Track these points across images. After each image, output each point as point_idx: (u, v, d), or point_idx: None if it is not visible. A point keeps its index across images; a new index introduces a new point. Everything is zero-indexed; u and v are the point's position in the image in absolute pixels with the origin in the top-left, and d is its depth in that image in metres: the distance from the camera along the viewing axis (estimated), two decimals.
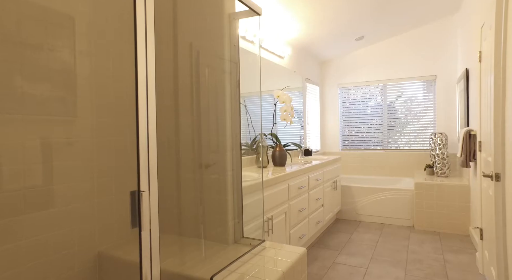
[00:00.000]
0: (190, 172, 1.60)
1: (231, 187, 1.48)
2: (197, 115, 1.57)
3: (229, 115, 1.48)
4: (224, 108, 1.48)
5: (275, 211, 2.10)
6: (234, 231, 1.49)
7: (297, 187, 2.44)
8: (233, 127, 1.49)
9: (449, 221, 3.18)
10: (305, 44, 3.81)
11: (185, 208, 1.61)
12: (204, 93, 1.54)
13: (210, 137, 1.53)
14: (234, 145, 1.49)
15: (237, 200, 1.49)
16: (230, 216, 1.47)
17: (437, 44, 3.96)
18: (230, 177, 1.48)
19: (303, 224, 2.57)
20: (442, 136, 3.51)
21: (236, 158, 1.49)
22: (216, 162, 1.51)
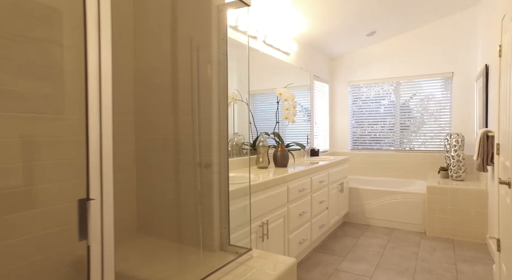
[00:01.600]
0: (172, 172, 1.51)
1: (217, 189, 1.38)
2: (179, 113, 1.48)
3: (216, 112, 1.38)
4: (210, 105, 1.38)
5: (272, 215, 1.99)
6: (220, 237, 1.40)
7: (297, 189, 2.32)
8: (221, 126, 1.39)
9: (464, 227, 2.98)
10: (312, 40, 3.67)
11: (168, 211, 1.52)
12: (185, 89, 1.45)
13: (197, 137, 1.44)
14: (222, 144, 1.39)
15: (224, 204, 1.39)
16: (216, 221, 1.38)
17: (455, 39, 3.73)
18: (216, 179, 1.38)
19: (304, 228, 2.45)
20: (458, 137, 3.29)
21: (223, 158, 1.39)
22: (206, 163, 1.42)
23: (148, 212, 1.59)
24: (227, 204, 1.40)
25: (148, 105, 1.59)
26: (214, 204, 1.37)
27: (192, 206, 1.45)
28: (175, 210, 1.50)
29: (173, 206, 1.51)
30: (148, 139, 1.59)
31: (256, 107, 2.92)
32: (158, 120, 1.56)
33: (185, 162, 1.48)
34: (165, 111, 1.54)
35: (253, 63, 2.81)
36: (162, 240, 1.55)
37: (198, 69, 1.44)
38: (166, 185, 1.53)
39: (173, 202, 1.51)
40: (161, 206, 1.55)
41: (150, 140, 1.58)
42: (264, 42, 2.92)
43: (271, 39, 2.95)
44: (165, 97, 1.54)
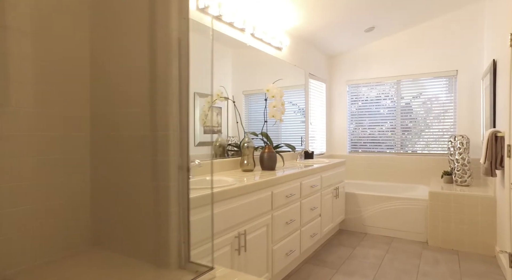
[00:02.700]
0: (126, 175, 1.30)
1: (176, 195, 1.16)
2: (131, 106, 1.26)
3: (176, 107, 1.16)
4: (166, 99, 1.16)
5: (252, 224, 1.76)
6: (179, 253, 1.17)
7: (284, 194, 2.10)
8: (181, 121, 1.17)
9: (470, 238, 2.72)
10: (306, 35, 3.45)
11: (124, 220, 1.30)
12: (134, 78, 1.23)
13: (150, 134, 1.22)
14: (182, 143, 1.17)
15: (183, 213, 1.17)
16: (173, 233, 1.16)
17: (459, 36, 3.49)
18: (174, 185, 1.16)
19: (292, 237, 2.22)
20: (463, 139, 3.05)
21: (183, 158, 1.17)
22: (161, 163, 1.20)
23: (104, 221, 1.37)
24: (187, 213, 1.18)
25: (105, 98, 1.38)
26: (171, 213, 1.15)
27: (146, 215, 1.23)
28: (129, 219, 1.28)
29: (128, 214, 1.29)
30: (107, 136, 1.37)
31: (251, 108, 2.75)
32: (114, 115, 1.34)
33: (136, 162, 1.26)
34: (118, 104, 1.32)
35: (242, 59, 2.60)
36: (117, 254, 1.33)
37: (151, 54, 1.22)
38: (121, 189, 1.32)
39: (127, 209, 1.29)
40: (118, 213, 1.33)
41: (109, 137, 1.37)
42: (252, 35, 2.71)
43: (260, 31, 2.74)
44: (119, 88, 1.32)
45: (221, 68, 2.43)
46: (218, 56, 2.39)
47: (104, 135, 1.38)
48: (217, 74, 2.39)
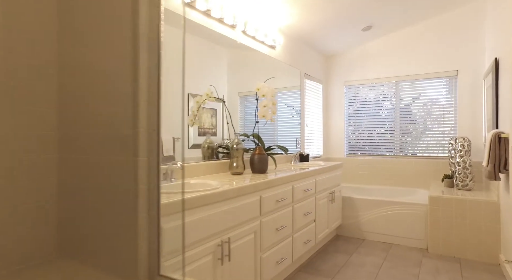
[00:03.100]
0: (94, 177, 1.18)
1: (145, 201, 1.04)
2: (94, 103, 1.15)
3: (143, 106, 1.04)
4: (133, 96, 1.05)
5: (237, 231, 1.64)
6: (149, 264, 1.05)
7: (274, 199, 1.97)
8: (150, 120, 1.05)
9: (472, 245, 2.59)
10: (301, 33, 3.35)
11: (91, 227, 1.18)
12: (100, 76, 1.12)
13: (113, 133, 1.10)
14: (151, 143, 1.05)
15: (154, 220, 1.05)
16: (142, 242, 1.03)
17: (459, 35, 3.38)
18: (143, 188, 1.04)
19: (283, 245, 2.09)
20: (464, 141, 2.92)
21: (152, 160, 1.05)
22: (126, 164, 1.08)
23: (71, 229, 1.25)
24: (157, 220, 1.05)
25: (73, 95, 1.26)
26: (139, 220, 1.03)
27: (112, 222, 1.10)
28: (96, 227, 1.16)
29: (94, 221, 1.17)
30: (75, 136, 1.26)
31: (246, 109, 2.67)
32: (80, 113, 1.23)
33: (103, 163, 1.14)
34: (85, 102, 1.21)
35: (238, 60, 2.49)
36: (82, 265, 1.20)
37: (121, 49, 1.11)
38: (88, 194, 1.20)
39: (94, 215, 1.17)
40: (85, 221, 1.21)
41: (78, 136, 1.25)
42: (244, 32, 2.60)
43: (252, 28, 2.63)
44: (88, 85, 1.21)
45: (216, 69, 2.35)
46: (212, 57, 2.31)
47: (72, 134, 1.26)
48: (212, 75, 2.31)
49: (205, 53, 2.24)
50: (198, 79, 2.20)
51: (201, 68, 2.22)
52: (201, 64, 2.22)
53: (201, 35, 2.22)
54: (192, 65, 2.14)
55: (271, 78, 2.81)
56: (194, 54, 2.16)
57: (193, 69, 2.16)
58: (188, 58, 2.10)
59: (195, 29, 2.14)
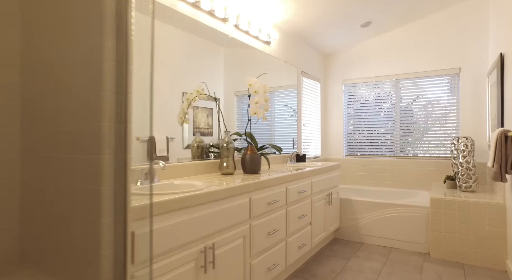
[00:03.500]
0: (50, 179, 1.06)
1: (110, 203, 0.93)
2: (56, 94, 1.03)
3: (109, 97, 0.92)
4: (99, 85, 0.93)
5: (224, 236, 1.52)
6: (114, 274, 0.93)
7: (265, 201, 1.85)
8: (118, 113, 0.94)
9: (477, 250, 2.46)
10: (297, 29, 3.23)
11: (54, 233, 1.06)
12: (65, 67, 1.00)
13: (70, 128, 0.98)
14: (118, 139, 0.94)
15: (120, 226, 0.93)
16: (106, 251, 0.91)
17: (462, 31, 3.27)
18: (108, 190, 0.92)
19: (276, 250, 1.97)
20: (467, 141, 2.80)
21: (118, 157, 0.94)
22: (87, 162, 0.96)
23: (33, 235, 1.13)
24: (124, 225, 0.94)
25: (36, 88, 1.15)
26: (102, 225, 0.91)
27: (76, 227, 0.99)
28: (59, 232, 1.04)
29: (58, 225, 1.05)
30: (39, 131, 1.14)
31: (243, 109, 2.60)
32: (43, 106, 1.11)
33: (67, 161, 1.03)
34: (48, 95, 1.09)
35: (235, 59, 2.38)
36: (43, 274, 1.08)
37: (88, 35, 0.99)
38: (51, 195, 1.08)
39: (57, 219, 1.05)
40: (48, 225, 1.09)
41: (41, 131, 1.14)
42: (236, 27, 2.49)
43: (244, 22, 2.52)
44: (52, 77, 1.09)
45: (212, 68, 2.28)
46: (209, 55, 2.25)
47: (36, 129, 1.14)
48: (208, 74, 2.25)
49: (200, 51, 2.18)
50: (193, 78, 2.14)
51: (197, 67, 2.16)
52: (197, 63, 2.16)
53: (195, 32, 2.13)
54: (187, 63, 2.09)
55: (263, 74, 2.70)
56: (190, 53, 2.10)
57: (189, 68, 2.10)
58: (183, 56, 2.04)
59: (184, 22, 2.03)
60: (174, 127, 1.97)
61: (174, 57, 1.98)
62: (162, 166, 1.54)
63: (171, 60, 1.96)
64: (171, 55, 1.96)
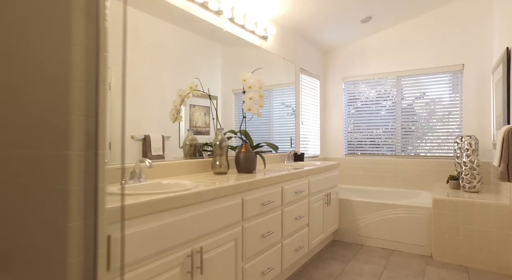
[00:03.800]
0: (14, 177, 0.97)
1: (80, 205, 0.83)
2: None
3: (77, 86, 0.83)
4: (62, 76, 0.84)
5: (213, 238, 1.43)
6: None
7: (259, 202, 1.76)
8: (88, 105, 0.85)
9: (481, 253, 2.36)
10: (295, 24, 3.14)
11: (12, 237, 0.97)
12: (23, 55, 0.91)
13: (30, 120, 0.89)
14: (88, 136, 0.85)
15: (90, 229, 0.84)
16: (74, 258, 0.82)
17: (465, 26, 3.16)
18: (77, 190, 0.83)
19: (270, 253, 1.88)
20: (471, 140, 2.70)
21: (89, 157, 0.84)
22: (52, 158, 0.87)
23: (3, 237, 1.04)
24: (95, 229, 0.84)
25: None
26: (69, 229, 0.82)
27: (40, 233, 0.89)
28: (24, 236, 0.95)
29: (23, 229, 0.96)
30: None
31: (241, 107, 2.53)
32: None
33: (32, 157, 0.93)
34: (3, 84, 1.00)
35: (233, 56, 2.30)
36: None
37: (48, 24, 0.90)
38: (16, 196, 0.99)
39: (20, 224, 0.96)
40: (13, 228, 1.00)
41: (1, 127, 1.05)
42: (231, 20, 2.40)
43: (240, 15, 2.43)
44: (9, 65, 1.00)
45: (209, 66, 2.23)
46: (206, 53, 2.20)
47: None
48: (205, 72, 2.20)
49: (198, 49, 2.13)
50: (190, 76, 2.08)
51: (194, 64, 2.11)
52: (194, 61, 2.11)
53: (191, 28, 2.06)
54: (184, 61, 2.04)
55: (259, 68, 2.60)
56: (186, 50, 2.05)
57: (185, 66, 2.04)
58: (180, 54, 2.00)
59: (177, 16, 1.93)
60: (170, 126, 1.93)
61: (170, 54, 1.92)
62: (149, 165, 1.45)
63: (166, 58, 1.91)
64: (166, 52, 1.91)
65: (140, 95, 1.73)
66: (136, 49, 1.70)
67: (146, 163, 1.46)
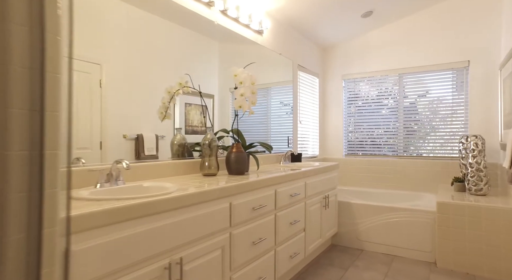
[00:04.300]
0: None
1: (23, 217, 0.70)
2: None
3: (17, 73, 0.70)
4: None
5: (196, 247, 1.30)
6: None
7: (250, 206, 1.63)
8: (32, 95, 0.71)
9: (489, 260, 2.22)
10: (292, 18, 3.00)
11: None
12: None
13: None
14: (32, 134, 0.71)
15: (34, 241, 0.71)
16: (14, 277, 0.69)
17: (471, 21, 3.02)
18: (18, 198, 0.70)
19: (262, 261, 1.74)
20: (477, 140, 2.55)
21: (34, 159, 0.71)
22: None
23: None
24: (38, 242, 0.71)
25: None
26: (8, 244, 0.69)
27: None
28: None
29: None
30: None
31: None
32: None
33: None
34: None
35: (230, 54, 2.19)
36: None
37: None
38: None
39: None
40: None
41: None
42: (223, 12, 2.27)
43: (232, 7, 2.29)
44: None
45: (206, 64, 2.15)
46: (202, 50, 2.12)
47: None
48: (202, 70, 2.12)
49: (193, 45, 2.05)
50: (185, 73, 2.00)
51: (189, 62, 2.02)
52: (190, 58, 2.02)
53: (188, 25, 1.94)
54: (180, 59, 1.96)
55: (252, 63, 2.47)
56: (182, 47, 1.96)
57: (181, 64, 1.96)
58: (175, 51, 1.93)
59: (167, 9, 1.80)
60: (164, 125, 1.86)
61: (164, 51, 1.85)
62: (126, 167, 1.32)
63: (160, 54, 1.83)
64: (160, 48, 1.83)
65: (132, 92, 1.67)
66: (127, 44, 1.63)
67: (123, 164, 1.32)
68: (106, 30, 1.53)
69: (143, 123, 1.70)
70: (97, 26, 1.50)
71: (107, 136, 1.52)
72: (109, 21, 1.56)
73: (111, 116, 1.55)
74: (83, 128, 1.42)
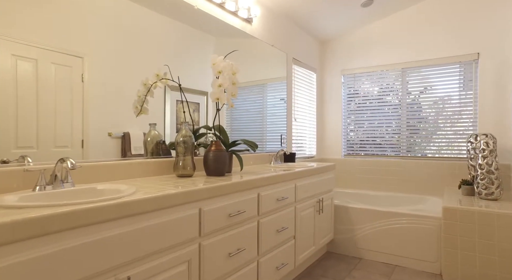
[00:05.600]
0: None
1: None
2: None
3: None
4: None
5: (153, 263, 1.08)
6: None
7: (225, 213, 1.41)
8: None
9: (503, 274, 1.97)
10: (286, 7, 2.78)
11: None
12: None
13: None
14: None
15: None
16: None
17: (481, 10, 2.77)
18: None
19: (241, 274, 1.52)
20: (488, 139, 2.31)
21: None
22: None
23: None
24: None
25: None
26: None
27: None
28: None
29: None
30: None
31: (237, 105, 2.36)
32: None
33: None
34: None
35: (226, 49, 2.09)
36: None
37: None
38: None
39: None
40: None
41: None
42: None
43: None
44: None
45: (202, 60, 2.04)
46: (197, 45, 2.00)
47: None
48: (197, 66, 2.01)
49: (188, 41, 1.94)
50: (182, 71, 1.90)
51: (180, 57, 1.89)
52: (183, 53, 1.91)
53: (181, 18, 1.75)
54: (175, 55, 1.85)
55: (234, 51, 2.25)
56: (175, 42, 1.85)
57: (176, 60, 1.86)
58: (169, 46, 1.84)
59: None
60: (155, 122, 1.76)
61: (155, 46, 1.74)
62: (71, 166, 1.11)
63: (150, 49, 1.71)
64: (149, 43, 1.71)
65: (119, 88, 1.55)
66: (113, 36, 1.51)
67: (68, 163, 1.12)
68: (90, 20, 1.41)
69: (130, 120, 1.60)
70: (80, 16, 1.37)
71: (90, 134, 1.42)
72: (93, 10, 1.43)
73: (95, 113, 1.44)
74: (62, 126, 1.32)
